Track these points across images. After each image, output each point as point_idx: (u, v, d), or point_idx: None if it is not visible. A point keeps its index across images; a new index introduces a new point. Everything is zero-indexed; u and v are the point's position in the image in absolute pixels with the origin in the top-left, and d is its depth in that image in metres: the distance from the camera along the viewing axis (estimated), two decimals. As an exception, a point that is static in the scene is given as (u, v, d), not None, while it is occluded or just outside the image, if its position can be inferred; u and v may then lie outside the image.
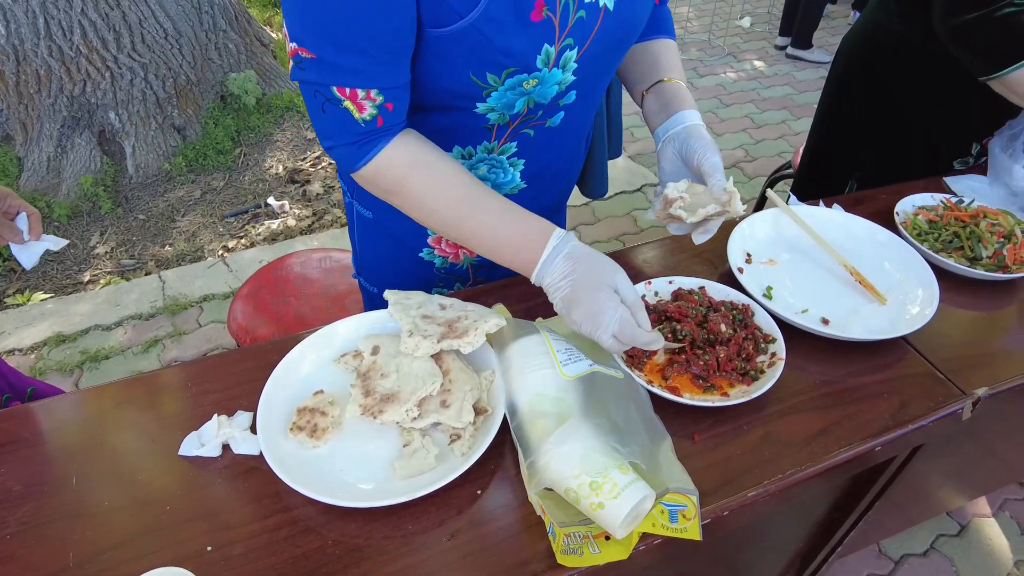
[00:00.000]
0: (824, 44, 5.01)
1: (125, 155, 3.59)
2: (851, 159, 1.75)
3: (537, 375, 0.84)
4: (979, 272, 1.14)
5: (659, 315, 0.98)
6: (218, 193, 3.59)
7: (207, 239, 3.26)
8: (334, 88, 0.79)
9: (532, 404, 0.81)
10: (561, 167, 1.09)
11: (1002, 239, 1.18)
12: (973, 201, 1.29)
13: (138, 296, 2.72)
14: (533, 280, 0.89)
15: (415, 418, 0.83)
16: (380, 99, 0.81)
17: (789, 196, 1.27)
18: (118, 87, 3.49)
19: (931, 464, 1.37)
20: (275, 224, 3.33)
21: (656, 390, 0.88)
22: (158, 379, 0.98)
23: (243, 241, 3.25)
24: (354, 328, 0.98)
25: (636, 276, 1.13)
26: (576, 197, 3.40)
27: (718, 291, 1.05)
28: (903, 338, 1.03)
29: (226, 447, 0.87)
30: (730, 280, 1.09)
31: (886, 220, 1.26)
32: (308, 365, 0.94)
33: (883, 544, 1.84)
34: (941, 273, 1.15)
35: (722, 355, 0.92)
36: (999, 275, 1.13)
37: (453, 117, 0.91)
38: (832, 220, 1.23)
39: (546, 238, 0.87)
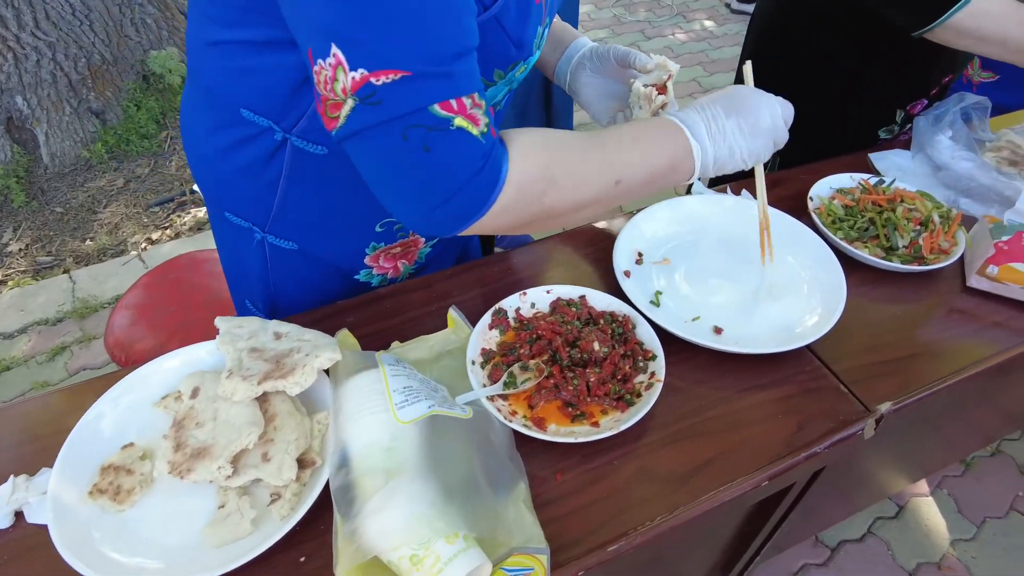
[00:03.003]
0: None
1: (38, 143, 3.36)
2: None
3: (370, 420, 0.72)
4: (893, 264, 1.03)
5: (529, 334, 0.87)
6: (143, 181, 3.38)
7: (131, 231, 3.07)
8: (436, 107, 0.59)
9: (362, 456, 0.70)
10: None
11: (919, 226, 1.08)
12: (894, 181, 1.18)
13: (45, 299, 2.53)
14: (696, 167, 0.83)
15: (229, 476, 0.72)
16: (484, 103, 0.63)
17: (692, 182, 1.15)
18: (23, 69, 3.23)
19: (872, 455, 1.28)
20: (202, 212, 3.15)
21: (516, 426, 0.77)
22: (-46, 431, 0.85)
23: (168, 232, 3.07)
24: (181, 364, 0.86)
25: (514, 285, 1.01)
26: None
27: (600, 300, 0.93)
28: (806, 346, 0.93)
29: (20, 515, 0.75)
30: (617, 286, 0.97)
31: (803, 204, 1.15)
32: (122, 411, 0.82)
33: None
34: (856, 265, 1.05)
35: (593, 378, 0.81)
36: (913, 267, 1.03)
37: None
38: (734, 208, 1.12)
39: (676, 126, 0.81)
